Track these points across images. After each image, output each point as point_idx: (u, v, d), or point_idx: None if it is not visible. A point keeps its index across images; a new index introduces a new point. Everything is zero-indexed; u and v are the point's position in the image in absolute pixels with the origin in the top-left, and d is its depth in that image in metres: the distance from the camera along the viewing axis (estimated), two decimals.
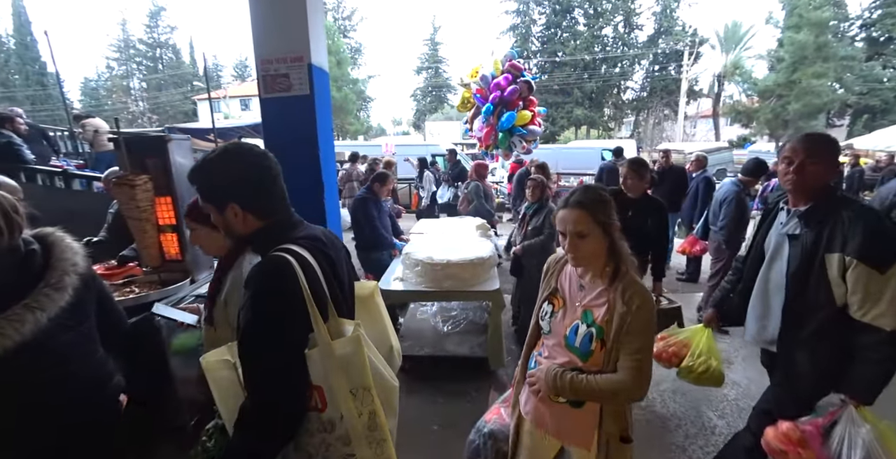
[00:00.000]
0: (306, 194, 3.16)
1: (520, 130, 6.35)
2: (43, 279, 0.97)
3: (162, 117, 31.26)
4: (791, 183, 1.36)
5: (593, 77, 26.86)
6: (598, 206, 1.09)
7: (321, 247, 1.02)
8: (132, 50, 33.17)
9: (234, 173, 0.95)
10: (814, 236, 1.29)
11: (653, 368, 1.09)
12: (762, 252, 1.53)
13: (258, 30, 3.20)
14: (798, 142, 1.36)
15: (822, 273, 1.26)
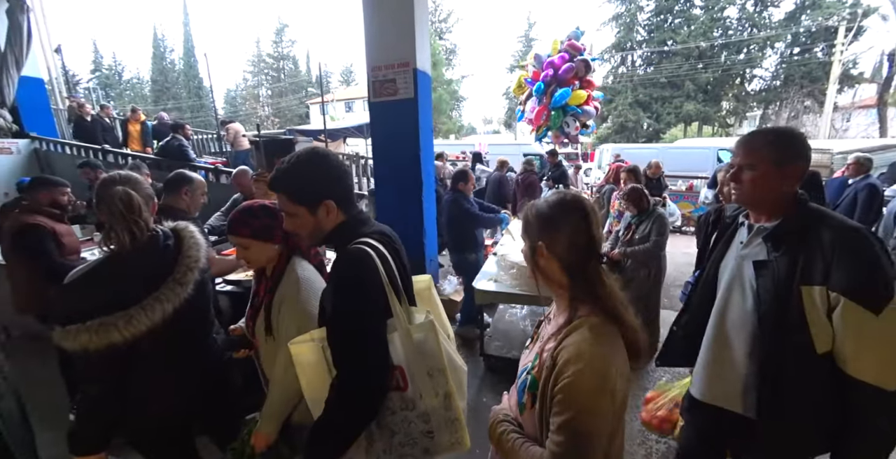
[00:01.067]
0: (407, 191, 3.34)
1: (574, 109, 5.84)
2: (171, 273, 1.17)
3: (282, 120, 35.90)
4: (734, 195, 1.08)
5: (710, 66, 23.63)
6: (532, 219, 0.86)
7: (390, 242, 1.08)
8: (262, 63, 38.66)
9: (329, 172, 1.00)
10: (787, 262, 0.97)
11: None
12: (714, 281, 1.18)
13: (370, 39, 3.46)
14: (738, 142, 1.07)
15: (801, 310, 0.94)
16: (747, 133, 1.09)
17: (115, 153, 5.45)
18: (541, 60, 6.18)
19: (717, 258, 1.20)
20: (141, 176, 1.75)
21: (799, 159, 0.99)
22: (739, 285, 1.08)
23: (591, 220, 0.81)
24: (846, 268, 0.88)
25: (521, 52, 34.70)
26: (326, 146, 6.72)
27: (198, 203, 2.17)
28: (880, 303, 0.85)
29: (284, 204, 1.00)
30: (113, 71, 37.39)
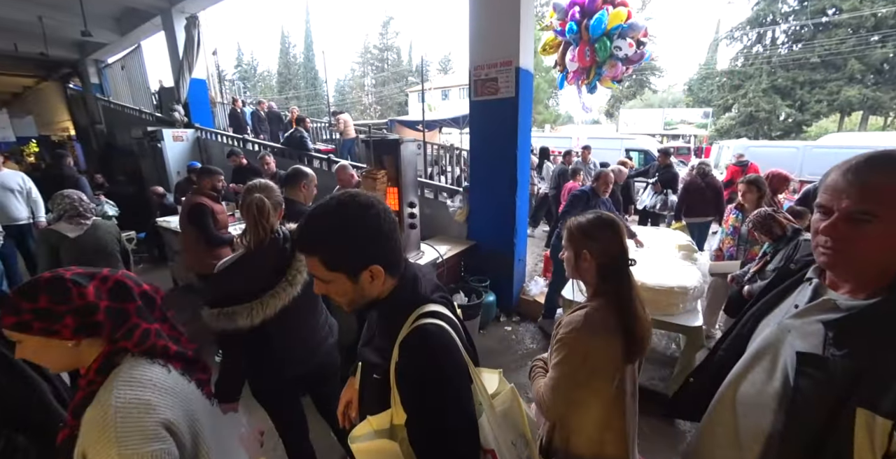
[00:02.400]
0: (501, 190, 3.38)
1: (620, 26, 4.76)
2: (285, 274, 1.42)
3: (382, 107, 38.22)
4: (826, 256, 0.71)
5: (890, 38, 18.61)
6: (573, 230, 1.15)
7: (445, 295, 0.95)
8: (368, 54, 41.30)
9: (374, 230, 0.80)
10: (850, 369, 0.66)
11: None
12: (747, 338, 0.89)
13: (474, 38, 3.50)
14: (848, 172, 0.67)
15: (847, 437, 0.65)
16: (863, 158, 0.68)
17: (252, 142, 6.45)
18: (561, 7, 5.22)
19: (760, 312, 0.91)
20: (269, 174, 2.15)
21: None
22: (770, 363, 0.80)
23: (621, 235, 1.10)
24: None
25: None
26: (424, 136, 7.03)
27: (312, 194, 2.54)
28: None
29: (316, 268, 0.81)
30: (250, 66, 43.40)
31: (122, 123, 9.05)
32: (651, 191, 5.09)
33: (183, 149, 6.59)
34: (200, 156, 6.83)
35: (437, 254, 3.02)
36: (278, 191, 1.64)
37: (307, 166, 5.39)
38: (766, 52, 22.27)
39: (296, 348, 1.54)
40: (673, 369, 2.51)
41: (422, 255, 2.96)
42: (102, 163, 8.78)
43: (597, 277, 1.09)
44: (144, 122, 7.98)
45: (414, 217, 2.84)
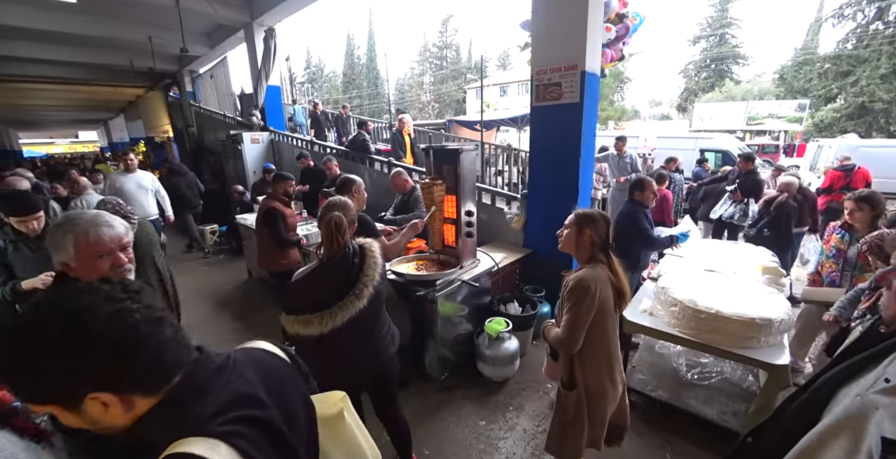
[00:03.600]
0: (561, 200, 3.27)
1: None
2: (352, 288, 1.50)
3: (441, 105, 38.59)
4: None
5: None
6: (581, 217, 1.59)
7: (258, 415, 0.64)
8: (427, 52, 41.85)
9: (93, 342, 0.53)
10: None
11: None
12: (825, 403, 0.78)
13: (537, 42, 3.39)
14: None
15: None
16: None
17: (320, 145, 6.87)
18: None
19: (841, 377, 0.80)
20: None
21: None
22: (850, 442, 0.70)
23: (608, 224, 1.59)
24: None
25: (712, 19, 28.53)
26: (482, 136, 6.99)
27: (363, 199, 2.71)
28: None
29: None
30: (317, 68, 46.09)
31: (210, 126, 10.11)
32: (729, 200, 4.61)
33: (259, 151, 7.20)
34: (273, 157, 7.41)
35: (493, 262, 3.00)
36: (355, 209, 1.75)
37: (368, 168, 5.64)
38: (890, 30, 18.96)
39: (359, 354, 1.64)
40: (748, 404, 2.27)
41: (477, 264, 2.97)
42: (194, 162, 9.87)
43: (591, 249, 1.56)
44: (228, 126, 8.83)
45: (471, 226, 2.85)
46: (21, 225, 2.00)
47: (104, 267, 1.16)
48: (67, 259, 1.14)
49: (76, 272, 1.14)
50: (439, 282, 2.60)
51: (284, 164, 7.27)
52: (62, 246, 1.14)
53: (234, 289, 4.69)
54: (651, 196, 3.01)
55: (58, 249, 1.14)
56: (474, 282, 2.70)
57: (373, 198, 5.44)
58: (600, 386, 1.53)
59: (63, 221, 1.17)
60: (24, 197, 2.11)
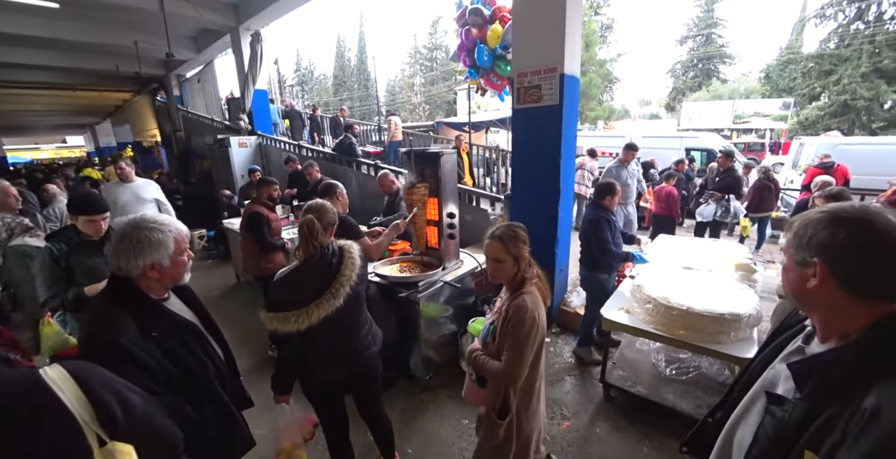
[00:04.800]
0: (543, 200, 3.32)
1: (503, 45, 4.96)
2: (329, 287, 1.54)
3: (431, 106, 38.64)
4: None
5: None
6: (510, 240, 1.45)
7: None
8: (418, 54, 41.93)
9: None
10: (805, 411, 0.70)
11: None
12: (753, 382, 0.89)
13: (518, 45, 3.45)
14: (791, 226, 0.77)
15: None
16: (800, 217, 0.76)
17: (307, 148, 6.87)
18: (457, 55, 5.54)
19: (769, 355, 0.91)
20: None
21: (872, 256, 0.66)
22: (754, 411, 0.84)
23: (526, 232, 1.53)
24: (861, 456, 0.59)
25: (699, 19, 28.96)
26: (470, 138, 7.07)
27: (345, 202, 2.79)
28: None
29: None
30: (307, 70, 45.95)
31: (197, 130, 10.06)
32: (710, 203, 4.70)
33: (247, 155, 7.19)
34: (261, 160, 7.40)
35: (476, 263, 3.04)
36: (334, 212, 1.78)
37: (355, 171, 5.66)
38: (870, 30, 19.38)
39: (340, 354, 1.67)
40: None
41: (461, 265, 3.01)
42: (181, 166, 9.82)
43: (528, 270, 1.49)
44: (216, 130, 8.80)
45: (453, 227, 2.89)
46: (89, 225, 1.99)
47: (186, 260, 1.25)
48: (161, 258, 1.16)
49: (162, 272, 1.17)
50: (422, 284, 2.63)
51: (273, 168, 7.27)
52: (161, 246, 1.15)
53: (223, 294, 4.69)
54: (617, 201, 3.02)
55: (150, 251, 1.14)
56: (457, 283, 2.74)
57: (359, 200, 5.47)
58: (532, 407, 1.52)
59: (147, 224, 1.16)
60: (95, 197, 2.12)
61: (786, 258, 0.79)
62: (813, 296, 0.74)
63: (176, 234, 1.20)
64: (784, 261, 0.79)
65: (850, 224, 0.69)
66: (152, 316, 1.16)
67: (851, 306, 0.70)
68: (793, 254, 0.75)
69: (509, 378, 1.39)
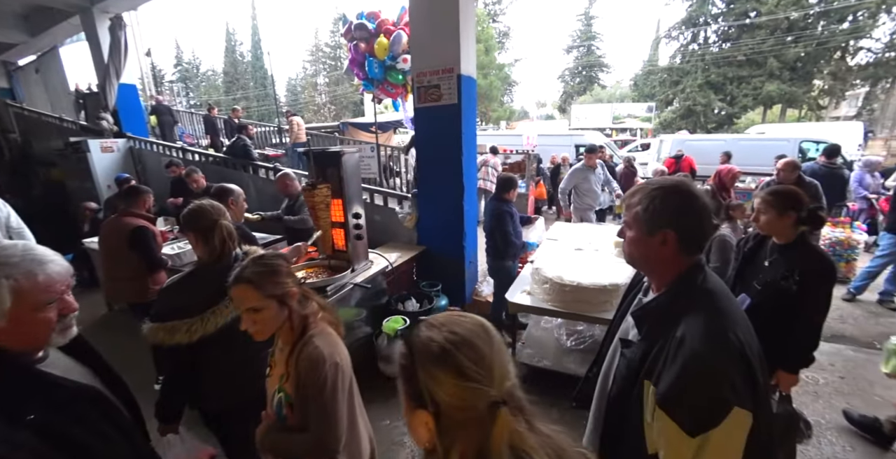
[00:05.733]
0: (448, 195, 3.43)
1: (391, 56, 5.45)
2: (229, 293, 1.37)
3: (337, 107, 37.22)
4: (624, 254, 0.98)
5: (801, 39, 20.62)
6: (264, 279, 1.09)
7: None
8: (320, 52, 40.05)
9: None
10: (644, 348, 0.86)
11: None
12: (614, 336, 1.07)
13: (416, 45, 3.53)
14: (632, 192, 0.92)
15: (641, 403, 0.83)
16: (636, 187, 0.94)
17: (192, 151, 6.09)
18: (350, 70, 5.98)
19: (622, 312, 1.07)
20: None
21: (689, 221, 0.84)
22: (614, 358, 0.99)
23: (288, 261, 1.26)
24: (671, 379, 0.75)
25: (580, 32, 32.69)
26: (377, 139, 6.96)
27: (241, 210, 2.55)
28: (696, 429, 0.72)
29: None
30: (192, 65, 40.76)
31: (40, 132, 8.21)
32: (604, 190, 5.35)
33: (114, 161, 6.11)
34: (135, 167, 6.36)
35: (387, 262, 3.02)
36: (228, 215, 1.62)
37: (252, 175, 5.19)
38: (700, 50, 23.94)
39: (238, 373, 1.49)
40: None
41: (370, 265, 2.95)
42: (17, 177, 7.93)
43: (305, 306, 1.17)
44: (67, 131, 7.31)
45: (360, 228, 2.82)
46: None
47: (50, 318, 0.83)
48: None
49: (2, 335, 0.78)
50: (330, 288, 2.53)
51: (150, 175, 6.29)
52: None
53: (94, 326, 3.93)
54: (514, 194, 3.29)
55: None
56: (366, 284, 2.69)
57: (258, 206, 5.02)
58: (356, 443, 1.25)
59: None
60: None
61: (633, 231, 0.90)
62: (656, 260, 0.88)
63: (21, 280, 0.79)
64: (632, 234, 0.90)
65: (676, 193, 0.85)
66: (21, 389, 0.79)
67: (675, 261, 0.87)
68: (642, 227, 0.88)
69: (323, 445, 1.08)
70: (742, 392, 0.73)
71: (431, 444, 0.58)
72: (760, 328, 1.82)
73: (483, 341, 0.60)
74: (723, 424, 0.71)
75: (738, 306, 0.88)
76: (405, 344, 0.63)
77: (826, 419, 2.39)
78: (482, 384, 0.56)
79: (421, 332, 0.61)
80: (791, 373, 1.73)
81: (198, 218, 1.51)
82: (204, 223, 1.49)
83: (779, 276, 1.73)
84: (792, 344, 1.71)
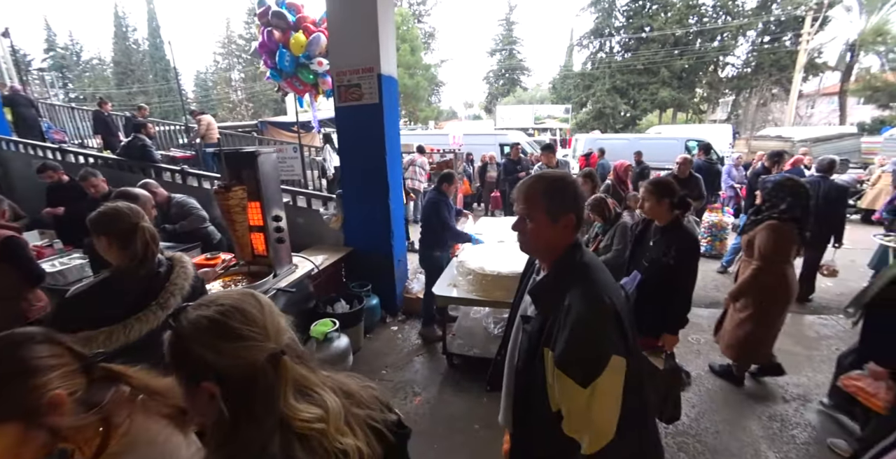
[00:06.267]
0: (374, 194, 3.43)
1: (306, 54, 5.34)
2: (156, 298, 1.33)
3: (256, 105, 34.63)
4: (518, 242, 1.08)
5: (685, 53, 23.93)
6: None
7: None
8: (233, 45, 36.88)
9: None
10: (541, 321, 0.99)
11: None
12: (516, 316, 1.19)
13: (334, 43, 3.47)
14: (519, 187, 1.04)
15: (543, 370, 0.97)
16: (527, 179, 1.06)
17: (74, 153, 5.28)
18: (258, 53, 5.65)
19: (521, 293, 1.19)
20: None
21: (567, 205, 0.98)
22: (518, 333, 1.09)
23: None
24: (563, 342, 0.89)
25: (502, 36, 34.23)
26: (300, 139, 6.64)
27: (151, 216, 2.28)
28: (586, 380, 0.87)
29: None
30: (70, 51, 35.01)
31: None
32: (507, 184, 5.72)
33: None
34: None
35: (313, 266, 2.94)
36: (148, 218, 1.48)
37: (155, 179, 4.67)
38: (607, 58, 26.53)
39: None
40: None
41: (294, 269, 2.86)
42: None
43: None
44: None
45: (281, 231, 2.72)
46: None
47: None
48: None
49: None
50: None
51: (16, 180, 5.34)
52: None
53: None
54: (454, 189, 3.43)
55: None
56: (291, 289, 2.60)
57: None
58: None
59: None
60: None
61: (534, 222, 0.99)
62: (554, 243, 1.01)
63: None
64: (533, 224, 1.00)
65: (569, 182, 1.02)
66: None
67: (565, 242, 1.01)
68: (545, 215, 0.98)
69: None
70: (617, 343, 0.88)
71: (216, 414, 0.60)
72: (648, 299, 2.12)
73: (252, 306, 0.65)
74: (605, 371, 0.86)
75: (609, 274, 1.04)
76: (172, 331, 0.64)
77: (705, 370, 2.86)
78: (258, 340, 0.62)
79: (188, 314, 0.64)
80: (672, 335, 2.05)
81: (114, 220, 1.36)
82: (121, 226, 1.35)
83: (660, 254, 2.04)
84: (670, 311, 2.02)
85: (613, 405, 0.89)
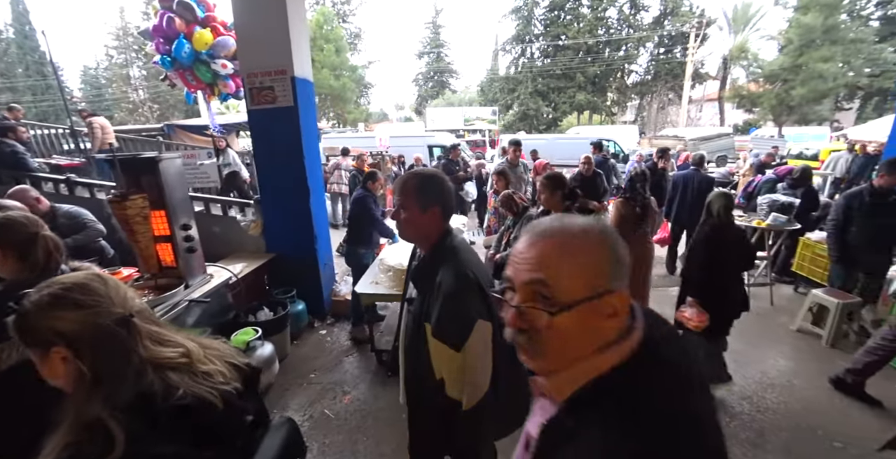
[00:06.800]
0: (293, 197, 3.37)
1: (207, 53, 5.19)
2: None
3: (162, 106, 31.23)
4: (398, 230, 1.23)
5: (596, 61, 26.35)
6: None
7: None
8: (129, 37, 32.82)
9: None
10: (421, 300, 1.13)
11: None
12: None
13: (243, 45, 3.37)
14: (400, 182, 1.19)
15: (424, 342, 1.11)
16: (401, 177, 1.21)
17: None
18: (148, 34, 5.49)
19: (407, 278, 1.39)
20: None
21: (430, 197, 1.13)
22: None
23: None
24: (437, 314, 1.04)
25: (429, 39, 34.69)
26: (215, 143, 6.20)
27: None
28: (458, 343, 1.02)
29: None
30: None
31: None
32: None
33: None
34: None
35: (230, 274, 2.84)
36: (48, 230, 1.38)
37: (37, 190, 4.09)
38: (529, 63, 28.21)
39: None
40: None
41: (209, 279, 2.73)
42: None
43: None
44: None
45: (191, 239, 2.59)
46: None
47: None
48: None
49: None
50: (159, 308, 2.27)
51: None
52: None
53: None
54: (379, 187, 3.50)
55: None
56: (205, 299, 2.49)
57: None
58: None
59: None
60: None
61: (408, 211, 1.14)
62: (426, 231, 1.16)
63: None
64: (407, 214, 1.14)
65: (438, 179, 1.18)
66: None
67: (437, 230, 1.17)
68: (416, 206, 1.12)
69: None
70: (481, 309, 1.06)
71: (75, 373, 0.67)
72: None
73: (95, 282, 0.73)
74: (473, 334, 1.03)
75: (475, 253, 1.23)
76: (16, 315, 0.69)
77: None
78: (101, 307, 0.70)
79: (32, 299, 0.70)
80: None
81: (8, 230, 1.26)
82: (17, 236, 1.26)
83: None
84: None
85: (485, 362, 1.06)
